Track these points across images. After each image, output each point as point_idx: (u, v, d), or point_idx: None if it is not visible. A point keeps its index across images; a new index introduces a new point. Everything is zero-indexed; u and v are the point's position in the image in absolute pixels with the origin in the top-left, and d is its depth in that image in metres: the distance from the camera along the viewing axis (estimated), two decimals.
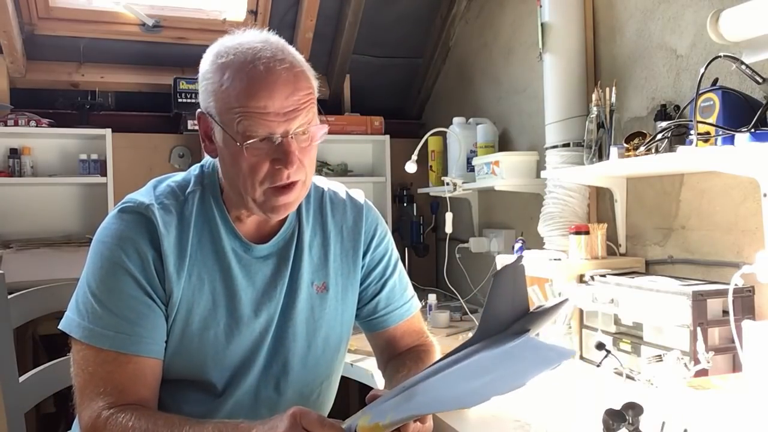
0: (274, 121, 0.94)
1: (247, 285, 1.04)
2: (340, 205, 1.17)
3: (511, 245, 2.20)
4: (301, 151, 0.98)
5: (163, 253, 0.98)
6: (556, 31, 1.89)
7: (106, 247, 0.98)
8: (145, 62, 2.89)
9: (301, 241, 1.09)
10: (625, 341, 1.45)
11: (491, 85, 2.61)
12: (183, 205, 1.03)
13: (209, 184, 1.06)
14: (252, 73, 0.94)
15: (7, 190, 2.68)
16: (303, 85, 0.97)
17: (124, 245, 0.97)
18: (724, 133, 1.25)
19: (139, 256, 0.97)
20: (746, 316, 1.31)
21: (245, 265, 1.05)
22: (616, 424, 0.89)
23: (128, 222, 0.99)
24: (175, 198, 1.03)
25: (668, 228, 1.66)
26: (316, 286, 1.10)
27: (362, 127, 3.02)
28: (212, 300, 1.02)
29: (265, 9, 2.83)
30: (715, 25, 1.31)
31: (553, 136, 1.90)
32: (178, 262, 0.99)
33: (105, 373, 0.94)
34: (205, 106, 0.99)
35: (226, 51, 0.96)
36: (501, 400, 0.73)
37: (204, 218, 1.03)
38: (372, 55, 3.10)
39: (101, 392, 0.93)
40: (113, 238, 0.98)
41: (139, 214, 0.99)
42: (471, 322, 2.07)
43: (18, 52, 2.61)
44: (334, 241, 1.13)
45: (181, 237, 1.00)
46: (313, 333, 1.09)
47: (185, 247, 1.00)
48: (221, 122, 0.96)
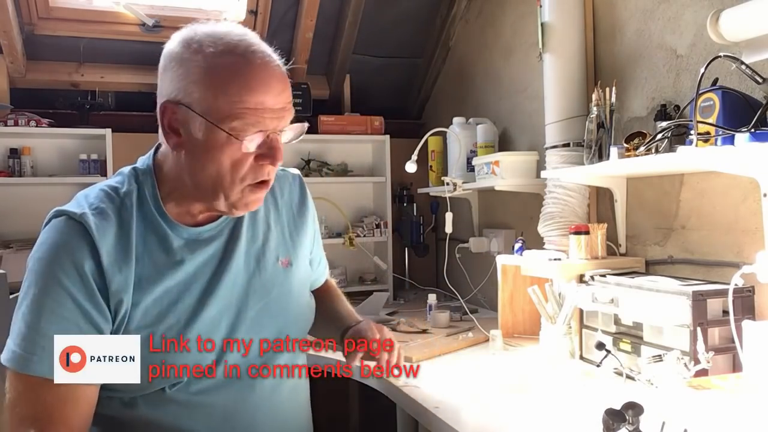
0: (269, 117, 0.92)
1: (202, 274, 1.00)
2: (286, 181, 1.17)
3: (511, 245, 2.20)
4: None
5: (103, 263, 0.92)
6: (556, 31, 1.89)
7: (41, 263, 0.92)
8: (145, 62, 2.88)
9: (256, 218, 1.09)
10: (625, 341, 1.45)
11: (491, 85, 2.61)
12: (120, 208, 0.97)
13: (145, 181, 1.00)
14: (249, 66, 0.91)
15: (7, 190, 2.68)
16: (288, 82, 0.97)
17: (60, 258, 0.91)
18: (724, 133, 1.25)
19: (77, 271, 0.90)
20: (746, 316, 1.31)
21: (196, 256, 1.00)
22: (616, 424, 0.89)
23: (63, 233, 0.92)
24: (110, 201, 0.97)
25: (668, 228, 1.66)
26: (281, 261, 1.09)
27: (362, 127, 3.02)
28: (170, 299, 0.97)
29: (265, 9, 2.83)
30: (715, 25, 1.31)
31: (553, 136, 1.90)
32: (125, 269, 0.93)
33: (34, 394, 0.88)
34: (177, 95, 0.92)
35: (210, 40, 0.92)
36: (501, 400, 0.73)
37: (145, 217, 0.98)
38: (372, 55, 3.09)
39: (29, 416, 0.88)
40: (49, 251, 0.92)
41: (73, 222, 0.93)
42: (471, 322, 2.07)
43: (18, 52, 2.61)
44: (287, 217, 1.14)
45: (123, 241, 0.94)
46: (286, 309, 1.08)
47: (129, 252, 0.94)
48: (207, 114, 0.91)
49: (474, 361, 1.71)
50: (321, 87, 3.19)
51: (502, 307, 1.94)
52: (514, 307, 1.95)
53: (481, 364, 1.67)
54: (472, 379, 1.52)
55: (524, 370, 1.57)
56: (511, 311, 1.95)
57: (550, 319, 1.65)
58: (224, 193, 0.96)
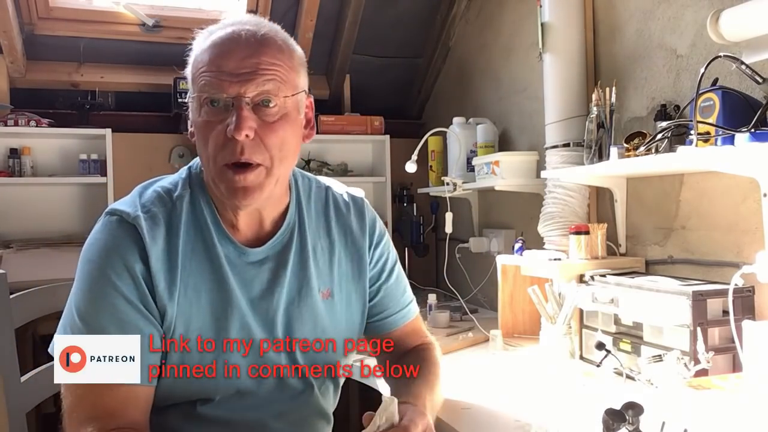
0: (226, 80, 0.89)
1: (243, 294, 0.97)
2: (344, 206, 1.11)
3: (511, 245, 2.20)
4: (264, 127, 0.91)
5: (152, 267, 0.91)
6: (556, 31, 1.89)
7: (93, 266, 0.92)
8: (145, 62, 2.89)
9: (304, 244, 1.04)
10: (625, 341, 1.45)
11: (491, 85, 2.61)
12: (171, 212, 0.96)
13: (197, 185, 0.99)
14: (217, 35, 0.93)
15: (7, 190, 2.68)
16: (268, 51, 0.91)
17: (112, 261, 0.90)
18: (724, 133, 1.25)
19: (129, 273, 0.90)
20: (746, 316, 1.31)
21: (239, 273, 0.97)
22: (616, 424, 0.89)
23: (115, 234, 0.92)
24: (162, 204, 0.96)
25: (668, 228, 1.66)
26: (321, 293, 1.04)
27: (362, 127, 3.02)
28: (211, 312, 0.95)
29: (265, 9, 2.83)
30: (715, 25, 1.31)
31: (553, 136, 1.90)
32: (169, 276, 0.92)
33: (95, 396, 0.88)
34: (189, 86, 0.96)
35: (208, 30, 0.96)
36: (501, 400, 0.73)
37: (195, 224, 0.97)
38: (372, 55, 3.09)
39: (90, 417, 0.87)
40: (99, 253, 0.92)
41: (126, 224, 0.93)
42: (471, 322, 2.07)
43: (18, 52, 2.61)
44: (339, 245, 1.08)
45: (170, 248, 0.93)
46: (323, 340, 1.03)
47: (175, 259, 0.93)
48: (190, 89, 0.94)
49: (474, 361, 1.71)
50: (321, 87, 3.19)
51: (502, 307, 1.94)
52: (514, 307, 1.95)
53: (481, 364, 1.67)
54: (472, 379, 1.52)
55: (524, 370, 1.57)
56: (511, 311, 1.95)
57: (550, 319, 1.65)
58: (210, 174, 0.94)
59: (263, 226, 1.02)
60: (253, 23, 0.95)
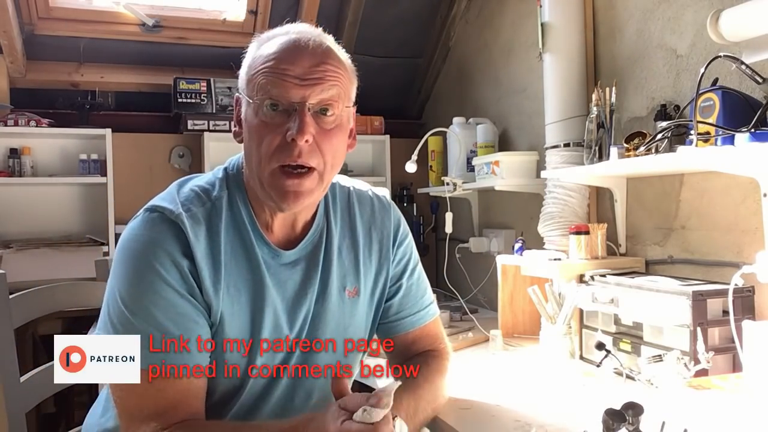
0: (292, 83, 0.91)
1: (278, 294, 0.99)
2: (368, 205, 1.13)
3: (511, 245, 2.20)
4: (321, 133, 0.93)
5: (197, 263, 0.91)
6: (556, 31, 1.89)
7: (138, 257, 0.90)
8: (145, 62, 2.89)
9: (330, 244, 1.05)
10: (625, 341, 1.45)
11: (491, 85, 2.61)
12: (210, 212, 0.96)
13: (235, 186, 1.00)
14: (282, 40, 0.94)
15: (7, 190, 2.68)
16: (332, 62, 0.95)
17: (158, 255, 0.90)
18: (724, 133, 1.25)
19: (176, 267, 0.90)
20: (746, 316, 1.31)
21: (274, 274, 0.99)
22: (616, 424, 0.89)
23: (158, 230, 0.92)
24: (201, 204, 0.97)
25: (668, 228, 1.66)
26: (348, 291, 1.06)
27: (362, 127, 3.02)
28: (249, 312, 0.97)
29: (265, 9, 2.83)
30: (715, 25, 1.31)
31: (553, 136, 1.90)
32: (213, 274, 0.93)
33: (155, 391, 0.88)
34: (239, 86, 0.98)
35: (266, 35, 0.98)
36: (501, 400, 0.73)
37: (234, 225, 0.98)
38: (372, 55, 3.09)
39: (152, 413, 0.87)
40: (144, 246, 0.91)
41: (169, 221, 0.92)
42: (471, 322, 2.07)
43: (18, 52, 2.61)
44: (363, 242, 1.10)
45: (213, 246, 0.94)
46: (341, 338, 1.05)
47: (218, 257, 0.94)
48: (244, 90, 0.95)
49: (474, 361, 1.70)
50: None
51: (502, 307, 1.94)
52: (514, 307, 1.95)
53: (481, 364, 1.67)
54: (471, 379, 1.52)
55: (524, 370, 1.57)
56: (511, 311, 1.95)
57: (550, 319, 1.65)
58: (259, 175, 0.94)
59: (295, 228, 1.04)
60: (315, 33, 0.97)
